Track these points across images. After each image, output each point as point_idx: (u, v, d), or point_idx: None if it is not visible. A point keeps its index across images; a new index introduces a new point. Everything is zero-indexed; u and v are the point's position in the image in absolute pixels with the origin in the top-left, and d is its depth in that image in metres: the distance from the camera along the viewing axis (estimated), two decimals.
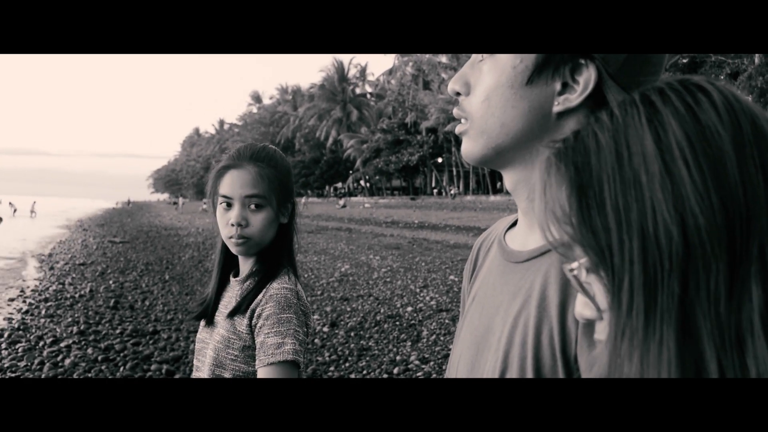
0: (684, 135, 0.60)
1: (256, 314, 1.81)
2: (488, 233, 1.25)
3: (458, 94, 1.05)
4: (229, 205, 1.86)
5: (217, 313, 1.94)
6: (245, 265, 1.95)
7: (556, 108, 0.97)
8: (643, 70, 0.96)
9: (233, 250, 1.90)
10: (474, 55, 1.04)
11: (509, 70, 0.98)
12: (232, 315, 1.85)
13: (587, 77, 0.94)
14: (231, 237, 1.86)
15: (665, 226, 0.58)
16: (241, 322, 1.82)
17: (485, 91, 1.00)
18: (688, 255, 0.58)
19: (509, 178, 1.05)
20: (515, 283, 1.01)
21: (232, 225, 1.84)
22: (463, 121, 1.05)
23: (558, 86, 0.96)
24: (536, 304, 0.94)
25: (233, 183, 1.86)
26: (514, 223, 1.15)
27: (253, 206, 1.85)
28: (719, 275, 0.57)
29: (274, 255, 1.92)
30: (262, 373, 1.76)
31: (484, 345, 1.03)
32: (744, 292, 0.57)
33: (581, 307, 0.70)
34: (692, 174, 0.59)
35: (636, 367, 0.60)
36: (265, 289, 1.83)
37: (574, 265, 0.67)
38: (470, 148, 1.04)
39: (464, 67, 1.06)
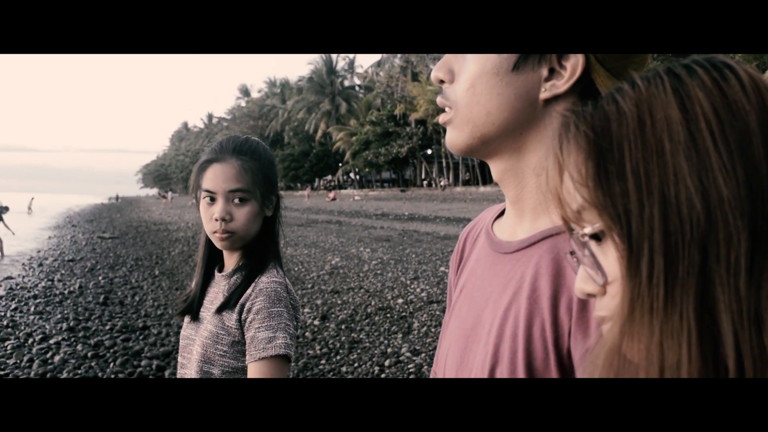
0: (711, 107, 0.60)
1: (245, 309, 1.79)
2: (474, 223, 1.22)
3: (442, 82, 1.02)
4: (213, 200, 1.84)
5: (202, 309, 1.92)
6: (230, 260, 1.93)
7: (543, 95, 0.94)
8: (631, 56, 0.93)
9: (218, 245, 1.88)
10: None
11: (494, 57, 0.95)
12: (220, 310, 1.82)
13: (575, 63, 0.92)
14: (215, 232, 1.83)
15: (687, 195, 0.57)
16: (230, 317, 1.80)
17: (470, 79, 0.97)
18: (710, 225, 0.57)
19: (496, 168, 1.02)
20: (504, 275, 0.98)
21: (216, 220, 1.81)
22: (447, 110, 1.02)
23: (545, 72, 0.94)
24: (527, 296, 0.91)
25: (216, 177, 1.83)
26: (502, 213, 1.12)
27: (237, 200, 1.83)
28: (740, 249, 0.56)
29: (261, 249, 1.90)
30: (253, 367, 1.74)
31: (473, 338, 1.01)
32: (764, 269, 0.56)
33: (582, 282, 0.68)
34: (718, 146, 0.58)
35: (656, 338, 0.59)
36: (254, 284, 1.81)
37: (587, 229, 0.65)
38: (455, 138, 1.01)
39: (448, 54, 1.03)
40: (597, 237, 0.65)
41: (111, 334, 8.32)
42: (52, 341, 7.95)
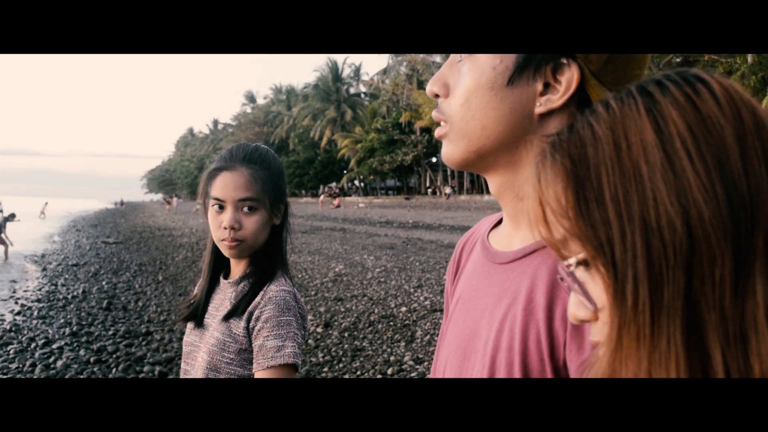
0: (685, 125, 0.59)
1: (254, 317, 1.78)
2: (471, 233, 1.22)
3: (437, 96, 1.02)
4: (222, 208, 1.83)
5: (207, 316, 1.91)
6: (237, 268, 1.92)
7: (539, 109, 0.94)
8: (627, 68, 0.94)
9: (226, 252, 1.87)
10: (453, 56, 1.01)
11: (489, 71, 0.95)
12: (228, 317, 1.81)
13: (570, 77, 0.92)
14: (224, 239, 1.82)
15: (668, 218, 0.57)
16: (238, 325, 1.80)
17: (465, 93, 0.98)
18: (693, 247, 0.56)
19: (493, 182, 1.02)
20: (500, 285, 0.98)
21: (225, 228, 1.81)
22: (442, 123, 1.02)
23: (540, 87, 0.94)
24: (522, 307, 0.91)
25: (226, 185, 1.82)
26: (498, 223, 1.12)
27: (246, 209, 1.82)
28: (724, 268, 0.56)
29: (269, 257, 1.89)
30: (260, 375, 1.74)
31: (470, 349, 1.01)
32: (748, 287, 0.56)
33: (575, 308, 0.68)
34: (695, 165, 0.57)
35: (644, 365, 0.58)
36: (262, 292, 1.81)
37: (571, 260, 0.65)
38: (451, 152, 1.01)
39: (443, 68, 1.03)
40: (586, 263, 0.64)
41: (114, 340, 8.32)
42: (54, 346, 7.97)
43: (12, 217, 21.66)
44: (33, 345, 8.07)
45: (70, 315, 9.96)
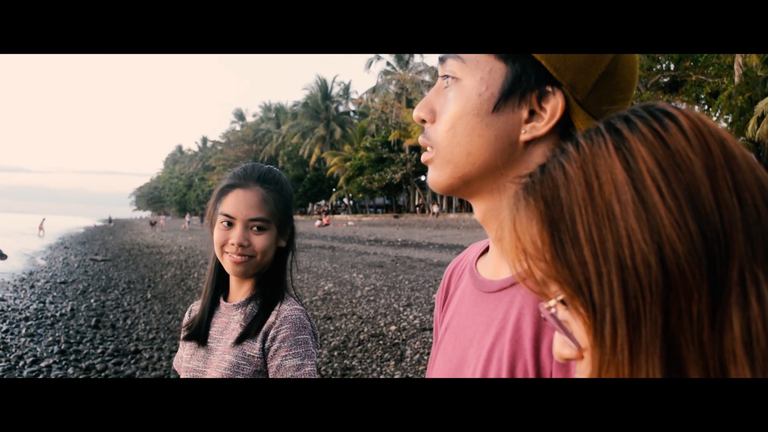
0: (654, 161, 0.59)
1: (269, 337, 1.78)
2: (459, 259, 1.23)
3: (423, 121, 1.03)
4: (231, 225, 1.83)
5: (210, 340, 1.88)
6: (240, 290, 1.91)
7: (524, 136, 0.95)
8: (612, 96, 0.94)
9: (231, 270, 1.86)
10: (439, 81, 1.02)
11: (475, 98, 0.96)
12: (241, 340, 1.80)
13: (554, 105, 0.93)
14: (230, 254, 1.82)
15: (643, 256, 0.56)
16: (253, 347, 1.79)
17: (450, 120, 0.98)
18: (669, 283, 0.56)
19: (478, 208, 1.03)
20: (488, 314, 0.99)
21: (233, 245, 1.81)
22: (429, 149, 1.02)
23: (525, 114, 0.94)
24: (509, 338, 0.91)
25: (238, 203, 1.83)
26: (486, 250, 1.13)
27: (255, 228, 1.83)
28: (701, 303, 0.56)
29: (275, 278, 1.90)
30: None
31: (458, 377, 1.01)
32: (725, 320, 0.55)
33: (560, 347, 0.67)
34: (666, 201, 0.57)
35: None
36: (275, 312, 1.81)
37: (551, 302, 0.65)
38: (436, 178, 1.02)
39: (429, 93, 1.03)
40: (564, 306, 0.64)
41: (102, 358, 8.27)
42: (43, 364, 7.90)
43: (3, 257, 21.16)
44: (21, 363, 8.00)
45: (58, 333, 9.89)
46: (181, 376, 1.91)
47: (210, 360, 1.85)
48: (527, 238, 0.65)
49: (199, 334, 1.90)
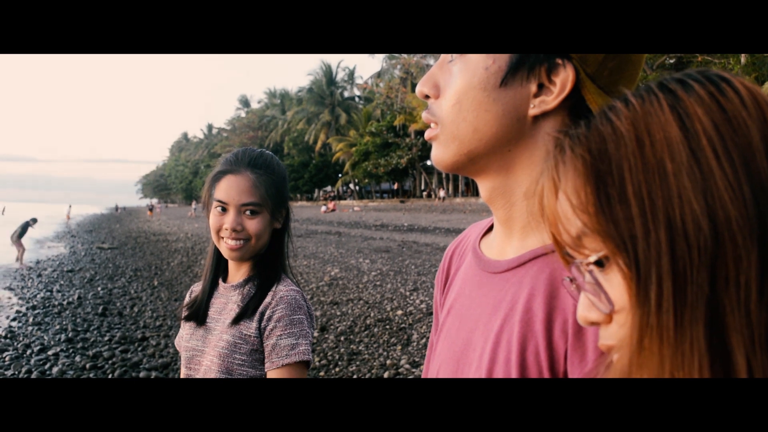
0: (711, 123, 0.57)
1: (266, 317, 1.83)
2: (460, 240, 1.19)
3: (427, 97, 0.99)
4: (224, 210, 1.88)
5: (209, 320, 1.94)
6: (238, 272, 1.96)
7: (532, 111, 0.91)
8: (623, 70, 0.91)
9: (227, 254, 1.91)
10: (443, 56, 0.98)
11: (481, 71, 0.92)
12: (238, 320, 1.85)
13: (564, 78, 0.89)
14: (225, 239, 1.87)
15: (693, 216, 0.55)
16: (249, 326, 1.83)
17: (456, 94, 0.94)
18: (718, 247, 0.54)
19: (484, 186, 0.99)
20: (494, 295, 0.95)
21: (227, 229, 1.86)
22: (433, 125, 0.98)
23: (534, 88, 0.91)
24: (519, 319, 0.88)
25: (230, 189, 1.88)
26: (489, 230, 1.09)
27: (248, 212, 1.87)
28: (750, 270, 0.54)
29: (272, 259, 1.94)
30: (275, 374, 1.78)
31: (464, 361, 0.98)
32: None
33: (585, 310, 0.65)
34: (721, 163, 0.55)
35: (666, 368, 0.56)
36: (271, 292, 1.86)
37: (592, 258, 0.62)
38: (441, 155, 0.98)
39: (433, 68, 0.99)
40: (600, 263, 0.62)
41: (110, 345, 8.31)
42: (50, 352, 7.95)
43: (33, 221, 21.71)
44: (29, 351, 8.05)
45: (65, 321, 9.94)
46: (181, 355, 1.97)
47: (208, 339, 1.90)
48: (570, 188, 0.62)
49: (199, 314, 1.95)
